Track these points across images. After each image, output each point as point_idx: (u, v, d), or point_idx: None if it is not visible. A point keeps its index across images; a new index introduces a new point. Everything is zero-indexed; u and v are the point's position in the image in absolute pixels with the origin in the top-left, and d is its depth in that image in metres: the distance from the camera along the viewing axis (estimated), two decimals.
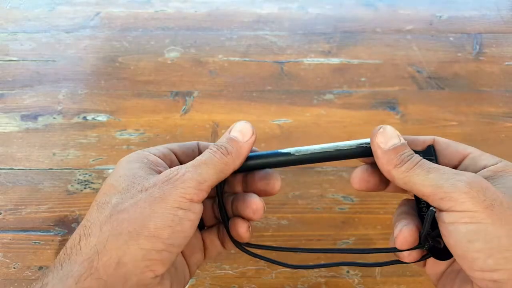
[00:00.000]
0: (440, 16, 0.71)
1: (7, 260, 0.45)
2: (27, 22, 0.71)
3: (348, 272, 0.44)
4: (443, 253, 0.28)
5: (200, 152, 0.32)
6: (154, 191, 0.26)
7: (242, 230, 0.30)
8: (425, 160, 0.27)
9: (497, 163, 0.27)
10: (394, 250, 0.29)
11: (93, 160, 0.53)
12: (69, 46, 0.67)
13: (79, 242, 0.26)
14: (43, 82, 0.62)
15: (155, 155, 0.30)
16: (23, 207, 0.49)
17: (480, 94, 0.60)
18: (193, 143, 0.33)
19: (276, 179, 0.31)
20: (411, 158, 0.27)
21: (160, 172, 0.28)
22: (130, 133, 0.56)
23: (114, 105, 0.59)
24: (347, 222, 0.48)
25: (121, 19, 0.71)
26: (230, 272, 0.44)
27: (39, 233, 0.47)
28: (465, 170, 0.27)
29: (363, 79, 0.62)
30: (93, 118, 0.58)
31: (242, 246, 0.31)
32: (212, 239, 0.32)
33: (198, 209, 0.27)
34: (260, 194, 0.31)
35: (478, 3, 0.73)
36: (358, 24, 0.70)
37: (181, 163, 0.32)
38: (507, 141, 0.55)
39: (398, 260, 0.30)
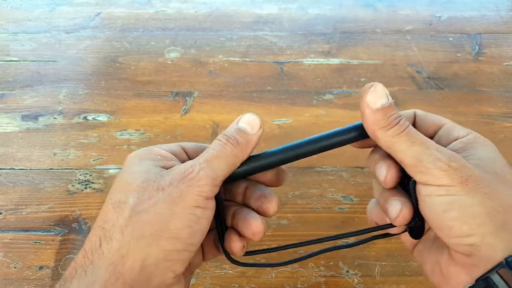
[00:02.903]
0: (440, 17, 0.71)
1: (8, 260, 0.45)
2: (27, 22, 0.71)
3: (348, 271, 0.44)
4: (417, 231, 0.29)
5: None
6: (172, 190, 0.26)
7: (236, 248, 0.29)
8: (411, 127, 0.27)
9: (467, 135, 0.28)
10: (390, 226, 0.30)
11: (93, 160, 0.54)
12: (69, 46, 0.67)
13: (100, 246, 0.26)
14: (44, 82, 0.62)
15: (166, 151, 0.30)
16: (23, 207, 0.49)
17: (479, 94, 0.60)
18: (204, 145, 0.32)
19: (270, 204, 0.31)
20: (398, 122, 0.27)
21: (172, 167, 0.28)
22: (131, 133, 0.56)
23: (115, 105, 0.59)
24: (346, 222, 0.48)
25: (121, 20, 0.71)
26: (230, 272, 0.45)
27: (39, 233, 0.47)
28: (439, 140, 0.29)
29: (362, 79, 0.62)
30: (93, 118, 0.58)
31: (232, 258, 0.30)
32: (210, 242, 0.32)
33: (213, 205, 0.27)
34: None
35: (477, 4, 0.73)
36: (357, 25, 0.70)
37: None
38: (506, 141, 0.55)
39: (385, 234, 0.31)
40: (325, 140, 0.29)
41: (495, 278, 0.24)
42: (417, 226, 0.29)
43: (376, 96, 0.27)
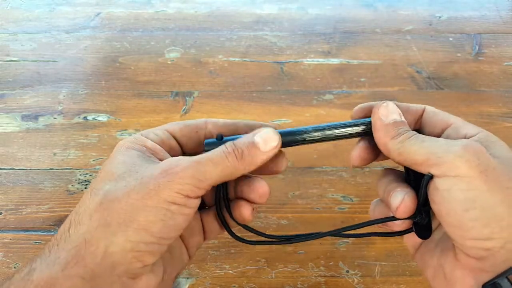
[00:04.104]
0: (440, 17, 0.71)
1: (8, 260, 0.45)
2: (27, 22, 0.71)
3: (348, 271, 0.45)
4: (424, 230, 0.28)
5: (209, 132, 0.30)
6: (149, 182, 0.25)
7: (247, 212, 0.29)
8: (419, 134, 0.27)
9: (478, 133, 0.27)
10: (392, 219, 0.28)
11: (93, 160, 0.54)
12: (69, 46, 0.67)
13: (68, 229, 0.26)
14: (44, 82, 0.62)
15: (153, 141, 0.29)
16: (23, 207, 0.49)
17: (479, 94, 0.60)
18: (199, 121, 0.30)
19: (283, 157, 0.29)
20: (407, 132, 0.27)
21: (159, 159, 0.28)
22: (131, 133, 0.56)
23: (115, 105, 0.59)
24: (346, 222, 0.48)
25: (121, 20, 0.71)
26: (230, 271, 0.45)
27: (39, 233, 0.47)
28: (447, 138, 0.27)
29: (362, 79, 0.62)
30: (93, 118, 0.58)
31: (232, 232, 0.30)
32: (212, 220, 0.31)
33: (195, 203, 0.26)
34: (267, 173, 0.30)
35: (477, 4, 0.73)
36: (357, 25, 0.70)
37: (181, 147, 0.30)
38: (506, 141, 0.54)
39: (391, 233, 0.30)
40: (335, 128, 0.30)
41: (504, 283, 0.23)
42: (423, 224, 0.28)
43: (389, 111, 0.28)
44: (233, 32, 0.69)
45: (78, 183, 0.51)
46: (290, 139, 0.29)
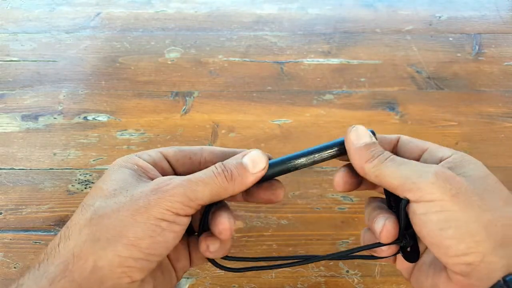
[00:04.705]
0: (440, 17, 0.71)
1: (8, 260, 0.45)
2: (27, 22, 0.71)
3: (347, 271, 0.45)
4: (412, 254, 0.29)
5: (204, 159, 0.30)
6: (139, 199, 0.26)
7: (201, 248, 0.29)
8: (395, 156, 0.28)
9: (452, 155, 0.28)
10: (379, 245, 0.29)
11: (93, 160, 0.54)
12: (69, 46, 0.67)
13: (58, 244, 0.26)
14: (44, 82, 0.62)
15: (146, 161, 0.29)
16: (23, 207, 0.49)
17: (479, 94, 0.60)
18: (194, 148, 0.31)
19: (280, 188, 0.30)
20: (381, 154, 0.28)
21: (151, 178, 0.28)
22: (131, 133, 0.56)
23: (115, 105, 0.59)
24: (346, 222, 0.48)
25: (121, 20, 0.71)
26: (230, 271, 0.45)
27: (39, 233, 0.47)
28: (424, 163, 0.28)
29: (362, 79, 0.62)
30: (93, 118, 0.58)
31: (213, 261, 0.30)
32: (196, 246, 0.30)
33: (185, 221, 0.27)
34: (263, 202, 0.31)
35: (477, 4, 0.73)
36: (357, 25, 0.70)
37: (174, 170, 0.30)
38: (506, 141, 0.55)
39: (373, 256, 0.31)
40: (311, 153, 0.30)
41: None
42: (410, 247, 0.29)
43: (358, 136, 0.28)
44: (233, 32, 0.69)
45: (78, 183, 0.51)
46: (281, 168, 0.29)
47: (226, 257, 0.30)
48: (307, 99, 0.60)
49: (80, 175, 0.52)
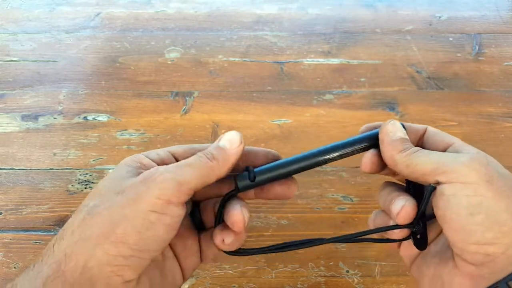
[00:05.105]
0: (440, 17, 0.71)
1: (8, 260, 0.45)
2: (27, 22, 0.71)
3: (347, 271, 0.45)
4: (421, 241, 0.29)
5: None
6: (129, 192, 0.25)
7: (215, 240, 0.29)
8: (422, 149, 0.29)
9: (477, 153, 0.28)
10: (394, 227, 0.29)
11: (93, 160, 0.54)
12: (69, 46, 0.67)
13: (53, 245, 0.26)
14: (44, 82, 0.62)
15: (151, 159, 0.29)
16: (23, 207, 0.49)
17: (479, 94, 0.60)
18: (204, 146, 0.31)
19: (295, 183, 0.31)
20: (412, 147, 0.29)
21: None
22: (131, 133, 0.56)
23: (115, 105, 0.59)
24: (346, 222, 0.48)
25: (121, 20, 0.71)
26: (230, 271, 0.45)
27: (39, 233, 0.47)
28: None
29: (362, 79, 0.62)
30: (93, 118, 0.58)
31: (229, 253, 0.30)
32: (210, 242, 0.31)
33: (177, 212, 0.26)
34: (277, 197, 0.31)
35: (477, 4, 0.73)
36: (357, 25, 0.70)
37: None
38: (506, 141, 0.55)
39: (382, 239, 0.31)
40: (344, 147, 0.30)
41: None
42: (420, 234, 0.29)
43: (395, 129, 0.30)
44: (233, 32, 0.69)
45: (78, 183, 0.51)
46: (312, 161, 0.30)
47: (237, 251, 0.30)
48: (307, 99, 0.60)
49: (80, 175, 0.52)
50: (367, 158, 0.30)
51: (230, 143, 0.29)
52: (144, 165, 0.28)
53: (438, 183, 0.26)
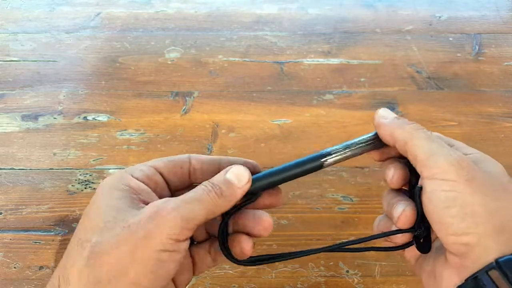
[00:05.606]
0: (440, 17, 0.71)
1: (8, 260, 0.45)
2: (27, 22, 0.71)
3: (348, 271, 0.45)
4: (424, 244, 0.30)
5: (193, 167, 0.30)
6: (138, 230, 0.25)
7: (248, 247, 0.29)
8: (430, 131, 0.29)
9: (475, 153, 0.29)
10: (397, 232, 0.30)
11: (93, 160, 0.54)
12: (69, 46, 0.67)
13: (58, 286, 0.25)
14: (44, 82, 0.62)
15: (137, 178, 0.28)
16: (23, 207, 0.49)
17: (479, 94, 0.60)
18: (183, 157, 0.31)
19: (280, 193, 0.31)
20: (413, 123, 0.29)
21: (144, 201, 0.27)
22: (131, 133, 0.56)
23: (115, 105, 0.59)
24: (346, 222, 0.48)
25: (121, 20, 0.71)
26: (230, 272, 0.45)
27: (39, 233, 0.47)
28: None
29: (362, 79, 0.62)
30: (93, 118, 0.58)
31: (242, 262, 0.30)
32: (202, 254, 0.31)
33: (185, 247, 0.26)
34: (265, 207, 0.31)
35: (477, 4, 0.73)
36: (357, 25, 0.70)
37: (167, 183, 0.30)
38: (506, 141, 0.55)
39: (391, 247, 0.31)
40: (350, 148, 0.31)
41: (485, 278, 0.24)
42: (423, 237, 0.29)
43: (389, 113, 0.31)
44: (233, 32, 0.69)
45: (78, 183, 0.51)
46: (314, 164, 0.30)
47: (242, 260, 0.30)
48: (307, 99, 0.60)
49: (80, 175, 0.52)
50: (395, 173, 0.30)
51: (238, 179, 0.28)
52: (133, 189, 0.28)
53: (421, 175, 0.28)
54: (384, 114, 0.31)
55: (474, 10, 0.72)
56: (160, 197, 0.28)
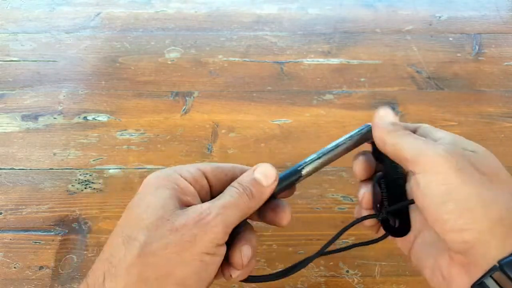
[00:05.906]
0: (440, 17, 0.71)
1: (8, 260, 0.45)
2: (27, 22, 0.71)
3: (347, 271, 0.44)
4: (399, 229, 0.31)
5: (236, 176, 0.31)
6: (184, 233, 0.26)
7: (225, 277, 0.30)
8: (412, 133, 0.30)
9: (449, 136, 0.30)
10: (364, 218, 0.32)
11: (93, 160, 0.54)
12: (69, 46, 0.67)
13: (103, 281, 0.25)
14: (44, 82, 0.62)
15: (186, 179, 0.29)
16: (23, 207, 0.49)
17: (479, 94, 0.60)
18: (228, 165, 0.31)
19: (286, 212, 0.32)
20: (402, 130, 0.30)
21: (189, 204, 0.28)
22: (131, 133, 0.56)
23: (115, 105, 0.59)
24: (346, 222, 0.47)
25: (121, 20, 0.71)
26: None
27: (39, 233, 0.47)
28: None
29: (362, 79, 0.62)
30: (93, 118, 0.58)
31: (248, 279, 0.31)
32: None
33: (223, 251, 0.27)
34: (271, 223, 0.32)
35: (477, 4, 0.73)
36: (357, 25, 0.70)
37: (211, 187, 0.31)
38: (506, 141, 0.55)
39: (366, 242, 0.33)
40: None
41: (489, 282, 0.24)
42: (399, 223, 0.30)
43: (387, 114, 0.31)
44: (233, 32, 0.69)
45: (78, 183, 0.51)
46: (322, 161, 0.34)
47: (248, 278, 0.31)
48: (307, 99, 0.60)
49: (80, 175, 0.52)
50: (359, 165, 0.33)
51: (266, 179, 0.29)
52: (181, 189, 0.28)
53: (413, 172, 0.28)
54: (383, 114, 0.31)
55: (474, 10, 0.72)
56: (203, 200, 0.29)
